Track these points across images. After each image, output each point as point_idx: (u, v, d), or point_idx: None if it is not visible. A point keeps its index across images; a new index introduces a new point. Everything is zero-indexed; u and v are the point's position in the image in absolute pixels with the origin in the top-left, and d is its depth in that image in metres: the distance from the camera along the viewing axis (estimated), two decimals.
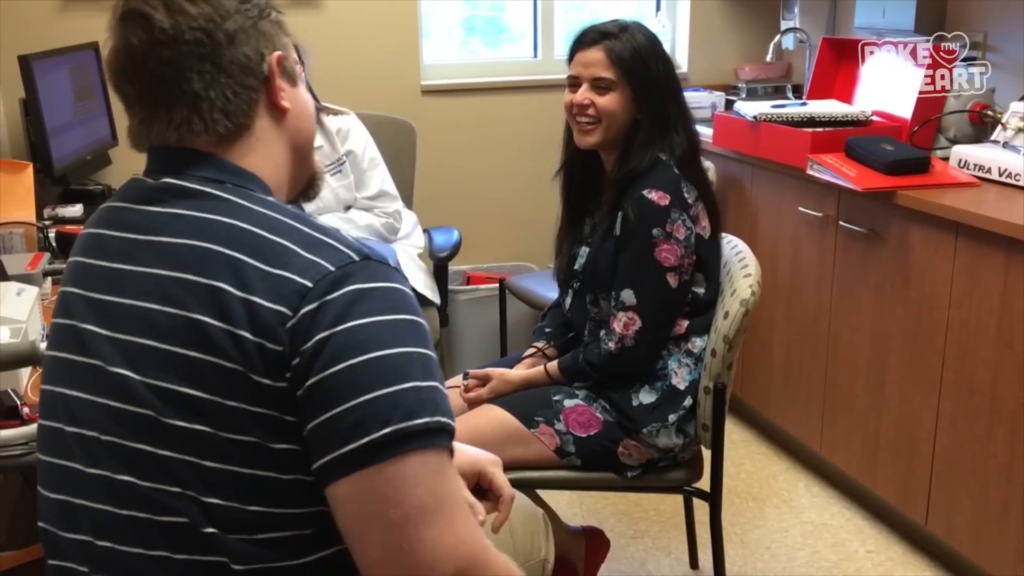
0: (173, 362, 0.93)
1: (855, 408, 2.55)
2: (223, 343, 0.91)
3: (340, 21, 3.28)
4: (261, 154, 1.06)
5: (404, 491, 0.89)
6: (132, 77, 1.02)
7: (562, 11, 3.68)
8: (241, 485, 0.93)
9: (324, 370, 0.90)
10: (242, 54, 1.02)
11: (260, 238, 0.95)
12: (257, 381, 0.91)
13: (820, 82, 3.09)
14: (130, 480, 0.96)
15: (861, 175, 2.39)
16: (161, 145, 1.04)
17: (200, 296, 0.93)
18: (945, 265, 2.20)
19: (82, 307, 1.02)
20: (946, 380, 2.23)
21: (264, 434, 0.93)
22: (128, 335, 0.97)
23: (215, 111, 1.01)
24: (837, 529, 2.58)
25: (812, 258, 2.67)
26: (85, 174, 2.95)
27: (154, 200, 1.01)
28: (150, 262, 0.98)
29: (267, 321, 0.91)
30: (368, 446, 0.89)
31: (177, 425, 0.93)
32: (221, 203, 0.99)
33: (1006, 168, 2.31)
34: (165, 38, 0.99)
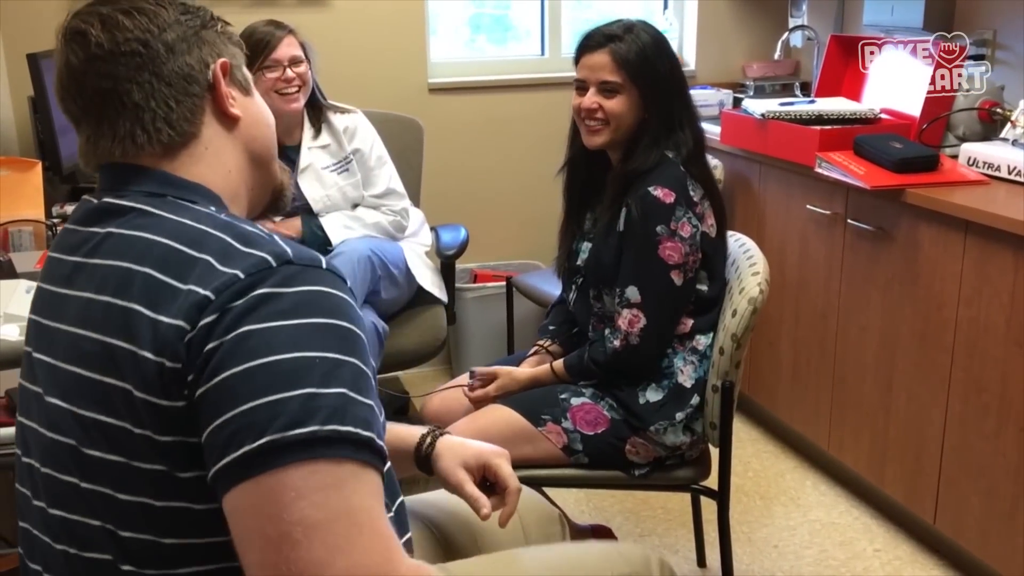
0: (91, 389, 0.92)
1: (863, 406, 2.55)
2: (126, 365, 0.89)
3: (347, 20, 3.28)
4: (210, 163, 1.05)
5: (282, 505, 0.81)
6: (75, 95, 1.02)
7: (569, 9, 3.68)
8: (154, 518, 0.90)
9: (210, 379, 0.85)
10: (183, 63, 1.02)
11: (177, 253, 0.92)
12: (157, 404, 0.88)
13: (828, 80, 3.08)
14: (61, 514, 0.96)
15: (870, 173, 2.38)
16: (108, 163, 1.03)
17: (116, 319, 0.91)
18: (954, 263, 2.19)
19: (35, 334, 1.04)
20: (955, 378, 2.22)
21: (171, 463, 0.89)
22: (63, 362, 0.97)
23: (157, 120, 1.01)
24: (845, 528, 2.58)
25: (820, 256, 2.67)
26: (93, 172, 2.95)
27: (93, 220, 1.01)
28: (84, 286, 0.97)
29: (167, 338, 0.87)
30: (244, 457, 0.83)
31: (95, 456, 0.92)
32: (150, 219, 0.97)
33: (1015, 166, 2.30)
34: (102, 52, 0.99)
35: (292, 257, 0.92)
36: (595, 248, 1.99)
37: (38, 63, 2.57)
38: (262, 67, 2.48)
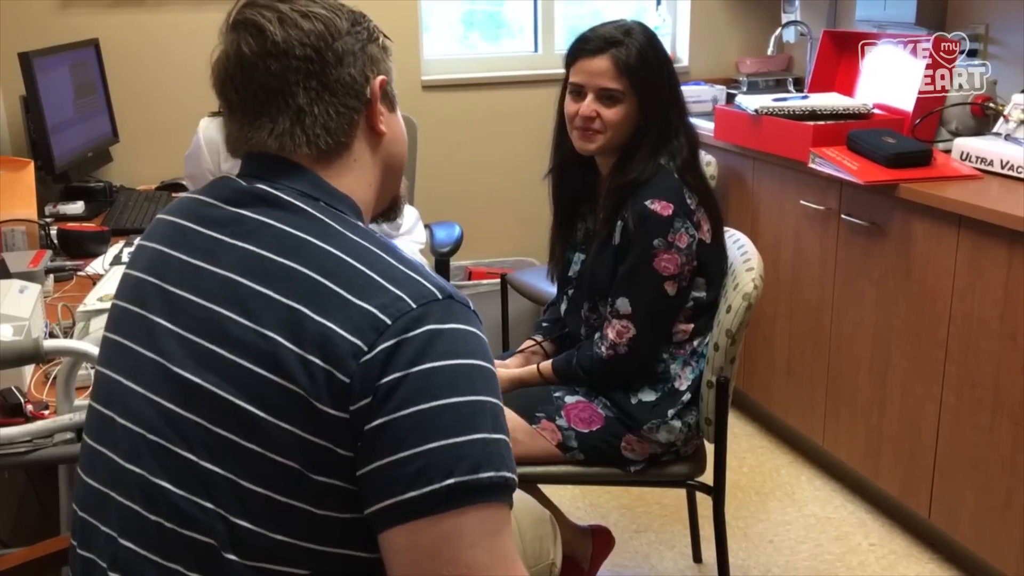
0: (236, 374, 0.91)
1: (858, 401, 2.56)
2: (292, 365, 0.89)
3: None
4: (356, 176, 1.06)
5: (460, 548, 0.86)
6: (239, 85, 1.02)
7: (563, 5, 3.68)
8: (273, 511, 0.91)
9: (395, 412, 0.87)
10: (348, 75, 1.03)
11: (347, 265, 0.94)
12: (318, 408, 0.89)
13: (821, 75, 3.08)
14: (166, 486, 0.93)
15: (863, 168, 2.38)
16: (259, 152, 1.04)
17: (277, 313, 0.91)
18: (947, 258, 2.20)
19: (156, 298, 1.00)
20: (949, 373, 2.23)
21: (308, 463, 0.90)
22: (197, 336, 0.95)
23: (317, 126, 1.02)
24: (840, 522, 2.59)
25: (814, 251, 2.67)
26: (86, 171, 2.95)
27: (244, 203, 1.00)
28: (232, 267, 0.96)
29: (340, 351, 0.88)
30: (430, 496, 0.85)
31: (226, 438, 0.91)
32: (313, 222, 0.98)
33: (1008, 160, 2.31)
34: (276, 51, 1.00)
35: (452, 292, 0.95)
36: (590, 262, 1.97)
37: (30, 62, 2.56)
38: None
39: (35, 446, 1.41)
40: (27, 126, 2.83)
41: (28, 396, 1.53)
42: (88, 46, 2.97)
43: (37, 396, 1.58)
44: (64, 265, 2.23)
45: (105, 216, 2.69)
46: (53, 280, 2.13)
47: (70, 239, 2.37)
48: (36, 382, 1.65)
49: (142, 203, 2.78)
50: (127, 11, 3.09)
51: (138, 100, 3.14)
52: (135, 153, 3.15)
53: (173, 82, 3.13)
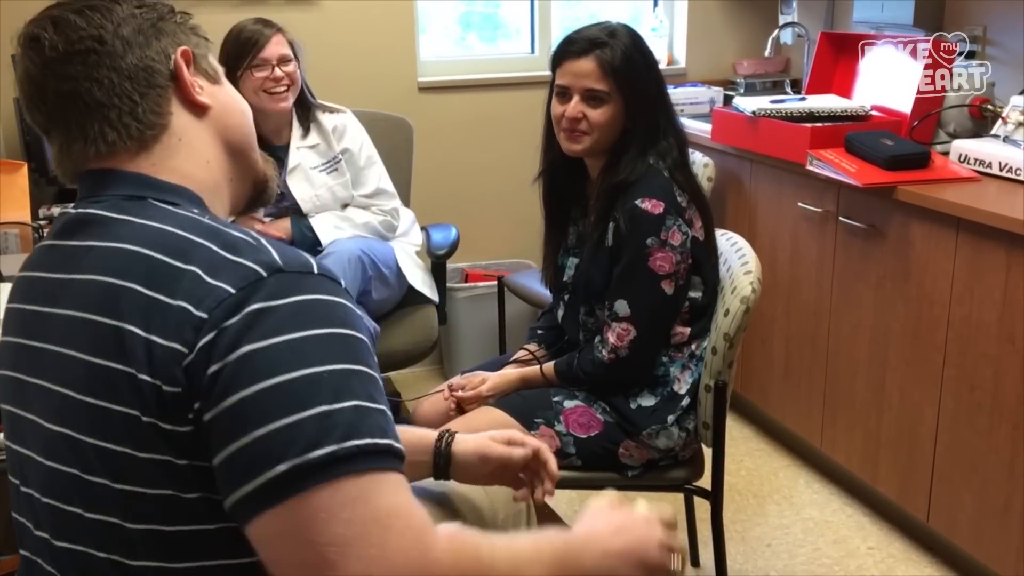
0: (87, 413, 0.88)
1: (856, 404, 2.55)
2: (124, 389, 0.86)
3: (336, 19, 3.27)
4: (186, 155, 1.02)
5: (314, 529, 0.81)
6: (39, 103, 1.00)
7: (559, 7, 3.67)
8: (165, 544, 0.88)
9: (218, 404, 0.83)
10: (142, 56, 0.99)
11: (163, 265, 0.89)
12: (160, 427, 0.85)
13: (819, 77, 3.07)
14: (66, 546, 0.93)
15: (861, 170, 2.37)
16: (85, 170, 1.01)
17: (106, 339, 0.87)
18: (946, 260, 2.19)
19: (20, 357, 0.99)
20: (947, 376, 2.22)
21: (177, 485, 0.86)
22: (54, 385, 0.92)
23: (124, 116, 0.98)
24: (838, 526, 2.58)
25: (812, 254, 2.66)
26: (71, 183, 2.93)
27: (72, 233, 0.97)
28: (68, 303, 0.93)
29: (163, 360, 0.84)
30: (267, 485, 0.81)
31: (99, 483, 0.88)
32: (130, 228, 0.93)
33: (1007, 163, 2.30)
34: (57, 55, 0.97)
35: (282, 265, 0.88)
36: (584, 265, 1.96)
37: None
38: (250, 66, 2.47)
39: None
40: (20, 129, 2.81)
41: None
42: None
43: None
44: None
45: None
46: None
47: None
48: None
49: None
50: None
51: None
52: None
53: None
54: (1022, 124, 2.38)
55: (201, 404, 0.84)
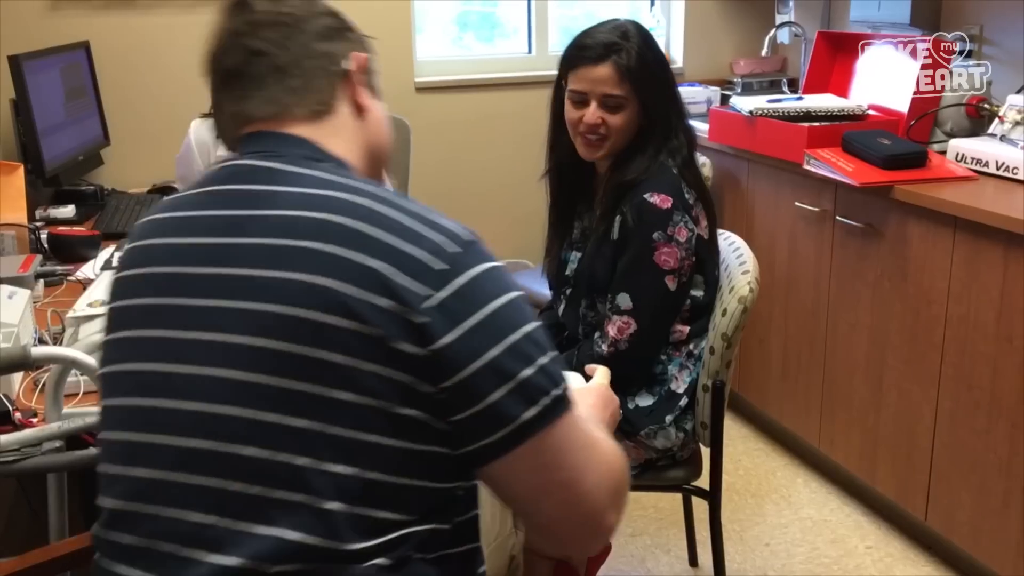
0: (306, 328, 0.92)
1: (853, 403, 2.55)
2: (362, 310, 0.92)
3: None
4: (345, 140, 1.11)
5: (561, 455, 0.98)
6: (226, 53, 1.09)
7: (556, 7, 3.67)
8: (363, 451, 0.93)
9: (469, 362, 0.94)
10: (329, 47, 1.11)
11: (379, 213, 0.97)
12: (394, 348, 0.92)
13: (816, 76, 3.08)
14: (248, 454, 0.93)
15: (858, 170, 2.37)
16: (253, 131, 1.08)
17: (327, 263, 0.93)
18: (943, 259, 2.19)
19: (183, 283, 1.00)
20: (945, 375, 2.22)
21: (391, 399, 0.93)
22: (254, 303, 0.95)
23: (300, 86, 1.08)
24: (836, 525, 2.58)
25: (809, 253, 2.66)
26: (77, 174, 2.93)
27: (258, 179, 1.03)
28: (263, 233, 0.97)
29: (404, 295, 0.93)
30: (521, 427, 0.95)
31: (306, 391, 0.92)
32: (328, 181, 1.01)
33: (1003, 161, 2.30)
34: (258, 21, 1.09)
35: (472, 235, 1.02)
36: (587, 259, 1.96)
37: (20, 65, 2.54)
38: None
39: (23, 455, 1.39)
40: (17, 129, 2.81)
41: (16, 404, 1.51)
42: (79, 48, 2.95)
43: (26, 404, 1.56)
44: (54, 270, 2.21)
45: (96, 220, 2.67)
46: (43, 285, 2.11)
47: (61, 243, 2.35)
48: (25, 389, 1.63)
49: (133, 206, 2.76)
50: (118, 13, 3.07)
51: (129, 103, 3.12)
52: (126, 156, 3.13)
53: (164, 84, 3.12)
54: (1019, 123, 2.38)
55: (448, 352, 0.93)
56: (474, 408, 0.94)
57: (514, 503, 1.03)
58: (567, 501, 0.99)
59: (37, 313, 1.89)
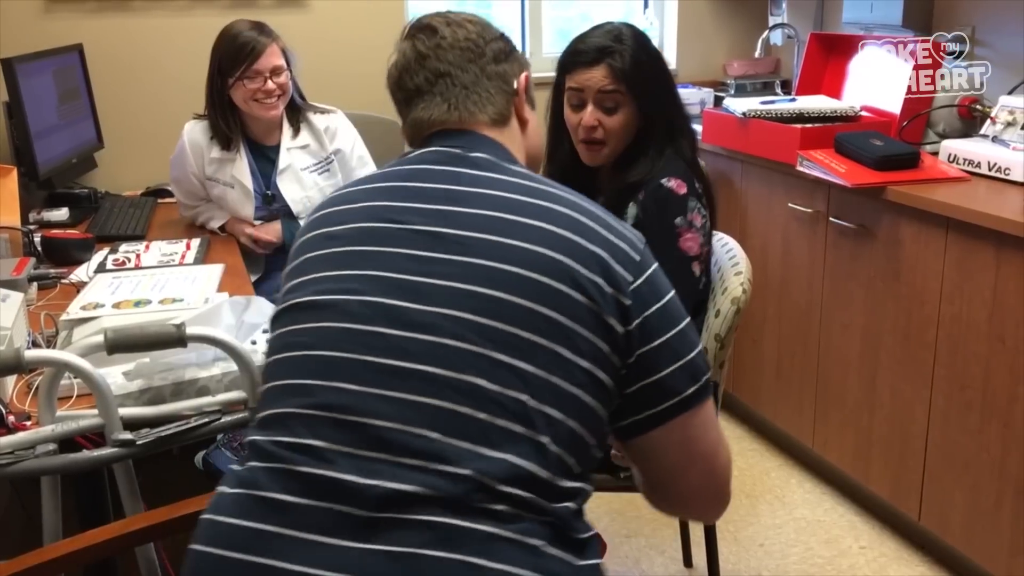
0: (541, 289, 1.05)
1: (847, 404, 2.55)
2: (588, 286, 1.06)
3: (326, 20, 3.27)
4: (516, 148, 1.25)
5: (705, 429, 1.14)
6: (414, 72, 1.23)
7: (550, 7, 3.67)
8: (571, 402, 1.05)
9: (651, 341, 1.09)
10: (502, 68, 1.25)
11: (587, 209, 1.13)
12: (606, 321, 1.06)
13: (809, 78, 3.09)
14: (480, 383, 1.01)
15: (851, 171, 2.38)
16: (442, 129, 1.21)
17: (551, 239, 1.08)
18: (936, 260, 2.20)
19: (405, 238, 1.10)
20: (938, 375, 2.23)
21: (592, 359, 1.06)
22: (490, 261, 1.06)
23: (482, 100, 1.22)
24: (830, 525, 2.58)
25: (803, 254, 2.67)
26: (71, 177, 2.93)
27: (466, 163, 1.16)
28: (485, 206, 1.10)
29: (617, 279, 1.08)
30: (683, 400, 1.11)
31: (534, 341, 1.03)
32: (533, 176, 1.16)
33: (995, 162, 2.31)
34: (445, 43, 1.23)
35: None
36: None
37: (13, 68, 2.54)
38: (244, 76, 2.46)
39: (16, 458, 1.38)
40: (10, 132, 2.80)
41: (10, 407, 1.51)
42: (72, 51, 2.95)
43: (19, 407, 1.56)
44: (48, 273, 2.20)
45: (90, 223, 2.66)
46: (36, 288, 2.11)
47: (54, 246, 2.34)
48: (18, 393, 1.63)
49: (127, 209, 2.76)
50: (112, 16, 3.07)
51: (123, 105, 3.12)
52: (120, 159, 3.12)
53: (158, 87, 3.11)
54: (1011, 124, 2.39)
55: (637, 331, 1.09)
56: (648, 380, 1.10)
57: (661, 472, 1.17)
58: (707, 471, 1.17)
59: (30, 316, 1.88)
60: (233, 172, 2.58)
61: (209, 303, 1.71)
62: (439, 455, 0.98)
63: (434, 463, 0.98)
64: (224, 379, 1.52)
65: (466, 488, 0.97)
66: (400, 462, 0.98)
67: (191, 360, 1.52)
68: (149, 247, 2.34)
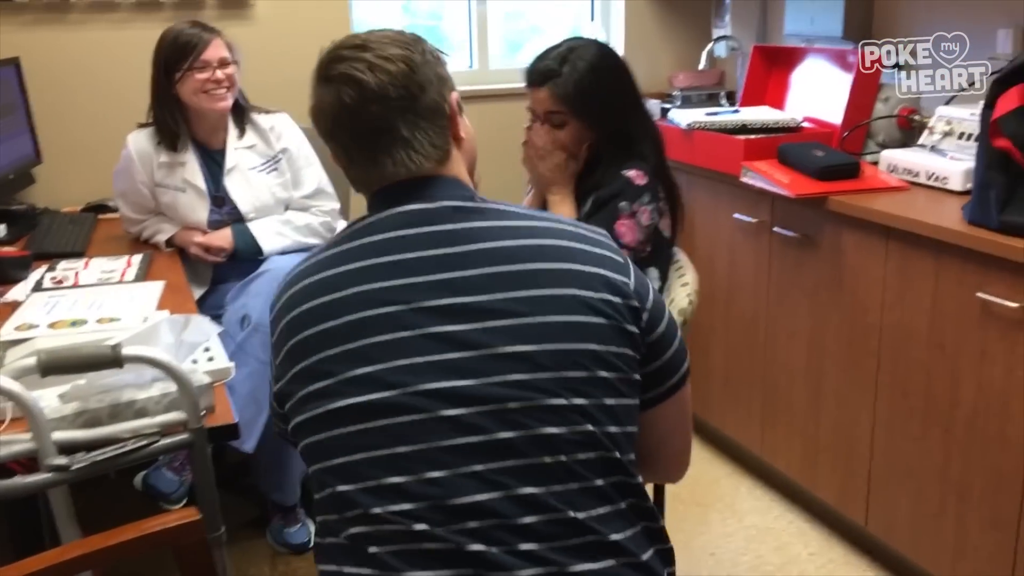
0: (569, 328, 1.12)
1: (794, 411, 2.58)
2: (602, 307, 1.14)
3: (270, 29, 3.23)
4: (460, 169, 1.25)
5: (687, 403, 1.30)
6: (347, 129, 1.18)
7: (499, 20, 3.67)
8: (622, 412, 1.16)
9: (655, 329, 1.21)
10: (432, 100, 1.19)
11: (564, 231, 1.19)
12: (626, 329, 1.16)
13: (752, 89, 3.12)
14: (552, 431, 1.10)
15: (793, 181, 2.41)
16: (393, 182, 1.19)
17: (557, 276, 1.14)
18: (877, 268, 2.23)
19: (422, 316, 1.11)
20: (881, 382, 2.26)
21: (626, 368, 1.16)
22: (514, 319, 1.11)
23: (424, 146, 1.19)
24: (780, 532, 2.60)
25: (748, 264, 2.70)
26: (8, 193, 2.86)
27: (446, 219, 1.16)
28: (482, 263, 1.13)
29: (620, 288, 1.16)
30: (679, 380, 1.26)
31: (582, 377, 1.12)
32: (502, 213, 1.19)
33: (933, 172, 2.35)
34: (374, 96, 1.16)
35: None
36: None
37: None
38: (191, 67, 2.46)
39: None
40: None
41: None
42: (8, 65, 2.88)
43: None
44: None
45: (28, 240, 2.60)
46: None
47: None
48: None
49: (67, 225, 2.70)
50: (49, 29, 3.00)
51: (61, 120, 3.05)
52: (59, 174, 3.05)
53: (97, 101, 3.06)
54: (948, 134, 2.43)
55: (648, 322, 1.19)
56: (657, 363, 1.22)
57: (652, 440, 1.26)
58: (685, 438, 1.35)
59: None
60: (184, 176, 2.57)
61: (148, 322, 1.68)
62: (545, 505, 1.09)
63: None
64: (163, 400, 1.49)
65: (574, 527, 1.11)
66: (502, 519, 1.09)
67: (128, 381, 1.49)
68: (89, 264, 2.29)
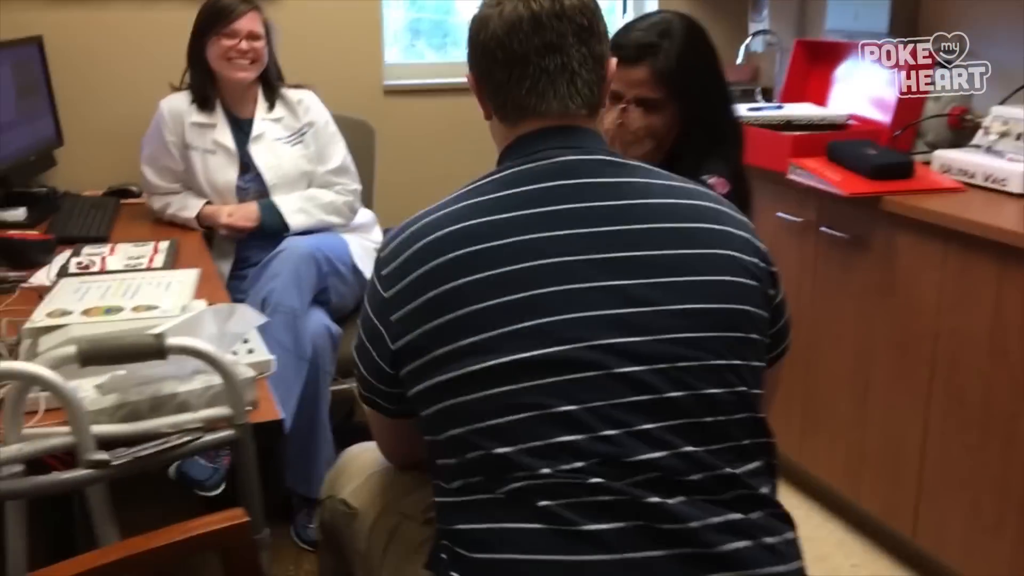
0: (731, 288, 1.14)
1: (837, 418, 2.50)
2: (754, 269, 1.17)
3: (300, 17, 3.15)
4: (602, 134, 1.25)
5: (783, 371, 1.36)
6: (526, 37, 1.16)
7: None
8: (761, 374, 1.20)
9: (779, 295, 1.25)
10: (603, 49, 1.20)
11: (709, 194, 1.22)
12: (769, 294, 1.20)
13: (793, 85, 3.04)
14: (712, 391, 1.12)
15: (845, 180, 2.33)
16: (548, 126, 1.18)
17: (712, 235, 1.15)
18: (933, 272, 2.15)
19: (593, 268, 1.10)
20: (935, 390, 2.18)
21: (766, 331, 1.20)
22: (683, 276, 1.12)
23: (585, 88, 1.18)
24: (820, 542, 2.52)
25: (792, 265, 2.61)
26: (29, 176, 2.78)
27: (600, 172, 1.17)
28: (649, 219, 1.14)
29: (764, 253, 1.20)
30: (787, 345, 1.32)
31: (737, 336, 1.14)
32: (650, 171, 1.20)
33: (991, 173, 2.27)
34: (563, 13, 1.16)
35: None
36: None
37: None
38: (220, 33, 2.48)
39: None
40: None
41: None
42: (31, 43, 2.80)
43: None
44: (6, 276, 2.07)
45: (49, 223, 2.52)
46: None
47: (12, 248, 2.21)
48: None
49: (89, 209, 2.62)
50: (73, 7, 2.92)
51: (84, 101, 2.97)
52: (81, 157, 2.97)
53: (121, 83, 2.97)
54: (1005, 134, 2.35)
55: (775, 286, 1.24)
56: (774, 328, 1.24)
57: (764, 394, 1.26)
58: (772, 406, 1.36)
59: None
60: (214, 136, 2.58)
61: (187, 311, 1.60)
62: (703, 463, 1.11)
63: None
64: (206, 393, 1.41)
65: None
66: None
67: (169, 373, 1.41)
68: (114, 250, 2.22)
